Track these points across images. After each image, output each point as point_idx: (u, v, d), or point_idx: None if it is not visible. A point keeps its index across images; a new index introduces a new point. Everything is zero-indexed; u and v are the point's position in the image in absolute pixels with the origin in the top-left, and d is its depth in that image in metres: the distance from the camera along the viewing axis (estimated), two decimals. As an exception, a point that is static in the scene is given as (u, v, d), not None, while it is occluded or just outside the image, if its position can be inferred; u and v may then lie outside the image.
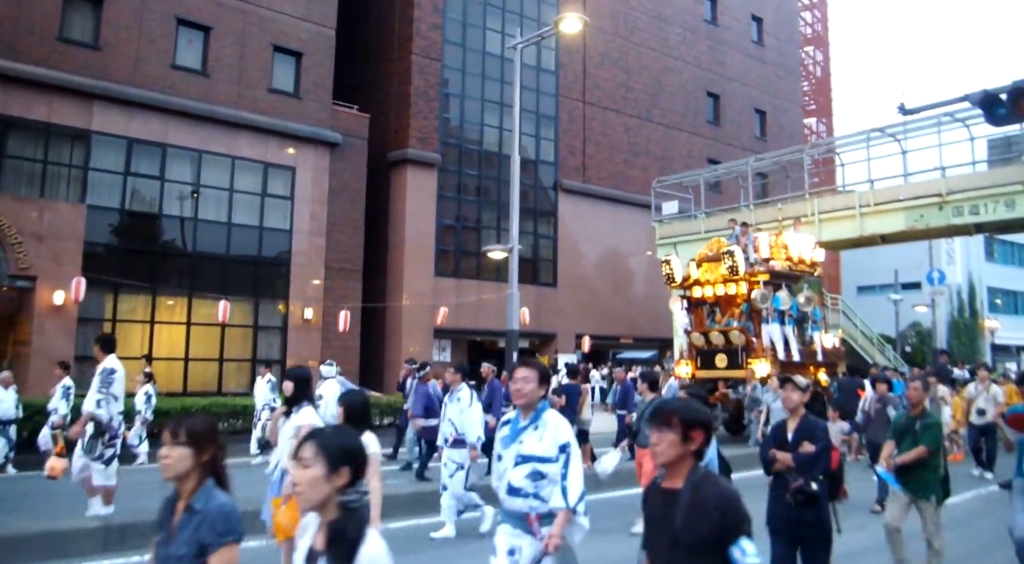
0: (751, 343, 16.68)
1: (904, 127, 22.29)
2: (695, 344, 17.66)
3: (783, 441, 5.45)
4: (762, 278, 16.76)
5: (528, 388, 4.30)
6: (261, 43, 22.31)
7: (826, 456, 5.25)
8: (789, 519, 5.21)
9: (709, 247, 18.16)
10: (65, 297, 18.21)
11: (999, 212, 20.02)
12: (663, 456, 2.92)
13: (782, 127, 38.27)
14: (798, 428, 5.43)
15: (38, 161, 18.83)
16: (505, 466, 4.29)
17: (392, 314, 25.03)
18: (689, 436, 2.89)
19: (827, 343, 18.29)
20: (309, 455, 2.43)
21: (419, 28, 26.10)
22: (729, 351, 16.98)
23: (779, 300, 16.79)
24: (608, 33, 31.38)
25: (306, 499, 2.42)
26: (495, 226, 27.49)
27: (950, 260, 41.84)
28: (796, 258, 18.01)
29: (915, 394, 6.69)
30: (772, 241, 17.78)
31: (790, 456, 5.27)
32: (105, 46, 19.63)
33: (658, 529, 2.98)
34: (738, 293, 17.12)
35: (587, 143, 30.39)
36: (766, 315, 16.71)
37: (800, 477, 5.15)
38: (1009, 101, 9.62)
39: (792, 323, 17.23)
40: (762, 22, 38.38)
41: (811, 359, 17.47)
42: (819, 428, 5.41)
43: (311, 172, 23.06)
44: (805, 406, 10.75)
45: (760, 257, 17.29)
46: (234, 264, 21.72)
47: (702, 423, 2.94)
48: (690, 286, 18.04)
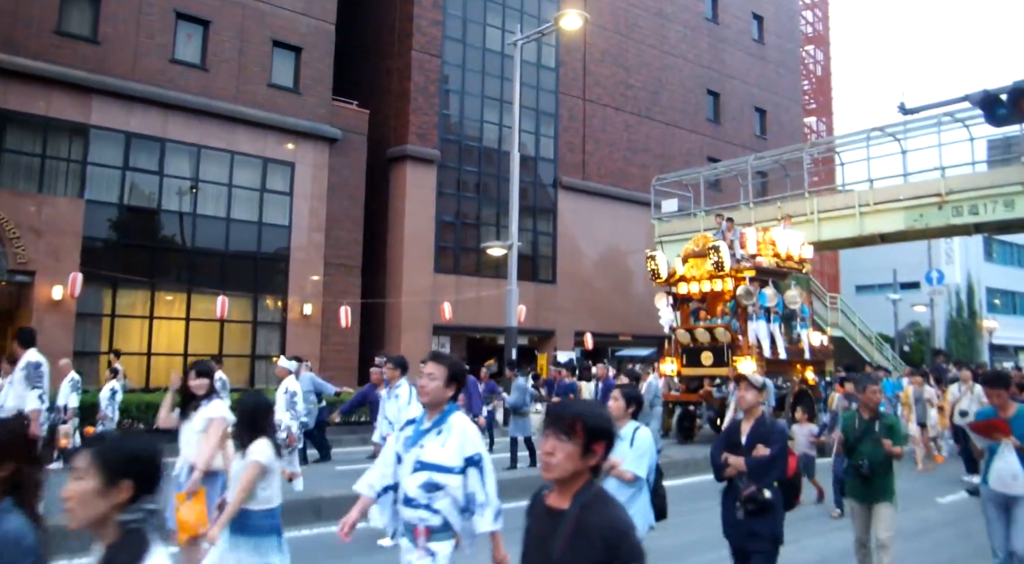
0: (737, 340, 16.50)
1: (904, 127, 22.30)
2: (680, 341, 17.48)
3: (736, 443, 5.04)
4: (748, 274, 16.57)
5: (432, 386, 3.90)
6: (260, 38, 22.26)
7: (782, 461, 4.85)
8: (739, 529, 4.88)
9: (695, 242, 17.96)
10: (63, 292, 18.18)
11: (998, 212, 20.04)
12: (558, 470, 2.44)
13: (782, 126, 38.23)
14: (753, 430, 5.01)
15: (36, 155, 18.78)
16: (403, 472, 3.90)
17: (391, 310, 25.02)
18: (591, 449, 2.44)
19: (815, 341, 18.14)
20: (83, 465, 2.06)
21: (419, 24, 26.05)
22: (715, 348, 16.81)
23: (765, 297, 16.59)
24: (608, 30, 31.33)
25: (75, 517, 2.05)
26: (495, 223, 27.46)
27: (949, 260, 41.89)
28: (784, 254, 17.88)
29: (874, 398, 6.19)
30: (759, 237, 17.62)
31: (743, 460, 4.86)
32: (104, 40, 19.58)
33: (536, 552, 2.55)
34: (724, 289, 16.98)
35: (587, 140, 30.36)
36: (752, 312, 16.52)
37: (752, 484, 4.77)
38: (1009, 101, 9.63)
39: (779, 320, 17.06)
40: (763, 20, 38.32)
41: (798, 357, 17.36)
42: (776, 430, 5.01)
43: (310, 168, 23.03)
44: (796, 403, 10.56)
45: (747, 253, 17.10)
46: (233, 260, 21.69)
47: (607, 434, 2.49)
48: (676, 282, 17.87)
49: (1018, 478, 5.53)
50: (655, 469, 4.96)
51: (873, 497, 5.94)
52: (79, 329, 18.92)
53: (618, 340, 30.99)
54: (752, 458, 4.83)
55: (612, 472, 4.58)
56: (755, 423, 5.03)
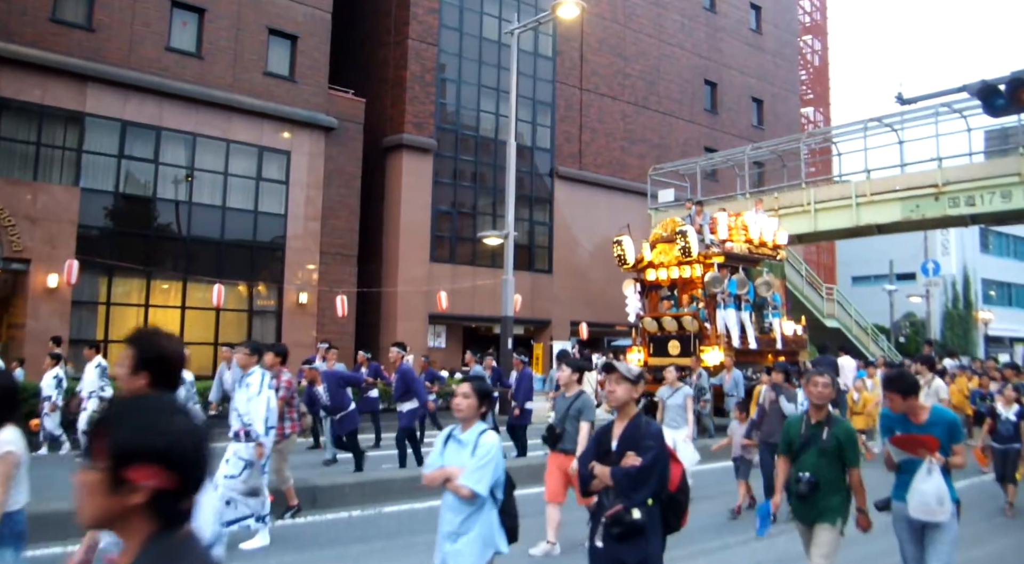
0: (705, 329, 15.89)
1: (901, 117, 22.29)
2: (647, 330, 16.79)
3: (607, 450, 4.06)
4: (716, 260, 15.90)
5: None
6: (256, 26, 22.16)
7: (658, 473, 3.87)
8: (603, 559, 3.95)
9: (663, 227, 17.28)
10: (59, 280, 18.15)
11: (995, 203, 20.06)
12: (91, 514, 1.48)
13: (779, 116, 38.19)
14: (624, 434, 4.02)
15: (31, 143, 18.71)
16: None
17: (387, 299, 25.01)
18: (122, 478, 1.45)
19: (788, 330, 17.44)
20: None
21: (416, 12, 25.95)
22: (682, 337, 16.16)
23: (735, 284, 15.89)
24: (606, 19, 31.24)
25: None
26: (491, 212, 27.43)
27: (945, 251, 41.97)
28: (757, 240, 17.16)
29: (824, 392, 5.05)
30: (731, 222, 16.89)
31: (609, 471, 3.91)
32: (99, 27, 19.48)
33: None
34: (693, 276, 16.34)
35: (584, 130, 30.31)
36: (721, 300, 15.85)
37: (619, 501, 3.85)
38: (1007, 92, 9.61)
39: (749, 309, 16.36)
40: (760, 10, 38.23)
41: (769, 347, 16.66)
42: (650, 434, 3.97)
43: (306, 156, 22.97)
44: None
45: (717, 238, 16.39)
46: (229, 248, 21.65)
47: (149, 455, 1.45)
48: (643, 269, 17.26)
49: (944, 503, 4.63)
50: (504, 482, 4.13)
51: (814, 516, 4.91)
52: (75, 317, 18.90)
53: (614, 330, 30.99)
54: (619, 468, 3.89)
55: (448, 486, 3.98)
56: (628, 425, 4.05)
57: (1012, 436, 9.36)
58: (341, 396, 11.19)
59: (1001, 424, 9.54)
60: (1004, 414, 9.54)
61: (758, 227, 17.38)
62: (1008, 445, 9.38)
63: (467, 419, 4.14)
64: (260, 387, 7.14)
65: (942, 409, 5.09)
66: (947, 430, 4.81)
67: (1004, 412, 9.56)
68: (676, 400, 9.93)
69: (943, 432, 4.79)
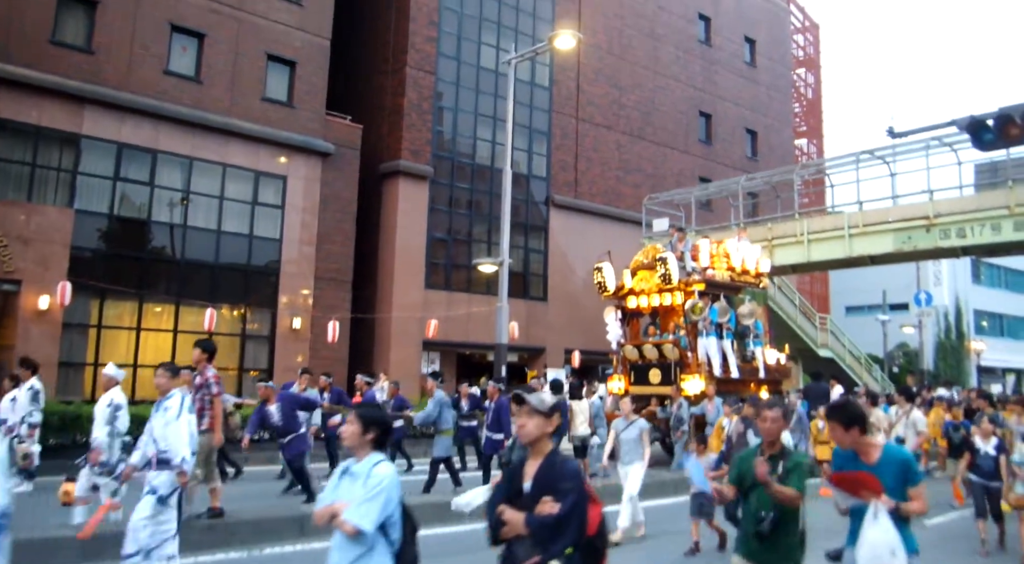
0: (686, 357, 15.60)
1: (893, 150, 22.47)
2: (628, 358, 16.56)
3: (518, 492, 3.59)
4: (697, 288, 15.69)
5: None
6: (255, 51, 22.32)
7: (578, 520, 3.43)
8: None
9: (644, 254, 17.11)
10: (50, 301, 18.07)
11: (985, 235, 20.19)
12: None
13: (773, 147, 38.48)
14: (539, 474, 3.56)
15: (26, 164, 18.71)
16: None
17: (381, 325, 24.96)
18: None
19: (770, 359, 17.12)
20: None
21: (414, 41, 26.16)
22: (663, 366, 15.88)
23: (716, 311, 15.62)
24: (602, 50, 31.54)
25: None
26: (486, 240, 27.48)
27: (937, 282, 42.15)
28: (739, 268, 16.99)
29: (773, 427, 4.74)
30: (713, 249, 16.75)
31: (522, 517, 3.45)
32: (98, 50, 19.59)
33: None
34: (674, 304, 16.08)
35: (579, 159, 30.47)
36: (702, 328, 15.56)
37: (536, 552, 3.41)
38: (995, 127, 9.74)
39: (731, 337, 16.06)
40: (755, 44, 38.67)
41: (752, 375, 16.36)
42: (567, 475, 3.50)
43: (302, 181, 23.04)
44: None
45: (699, 265, 16.24)
46: (223, 272, 21.63)
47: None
48: (624, 296, 17.03)
49: (897, 555, 4.10)
50: (401, 520, 3.68)
51: (776, 559, 4.51)
52: (65, 339, 18.80)
53: (607, 358, 30.96)
54: (535, 516, 3.44)
55: (334, 522, 3.60)
56: (542, 464, 3.58)
57: (993, 472, 8.90)
58: (293, 419, 11.06)
59: (981, 459, 9.13)
60: (983, 448, 9.11)
61: (740, 255, 17.16)
62: (989, 481, 8.96)
63: (353, 448, 3.75)
64: (180, 411, 6.71)
65: (896, 448, 4.56)
66: (900, 471, 4.29)
67: (983, 446, 9.12)
68: (631, 434, 9.22)
69: (895, 473, 4.28)
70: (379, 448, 3.76)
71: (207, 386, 8.47)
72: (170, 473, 6.47)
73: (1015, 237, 19.80)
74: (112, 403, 8.29)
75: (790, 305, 30.12)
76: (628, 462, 9.09)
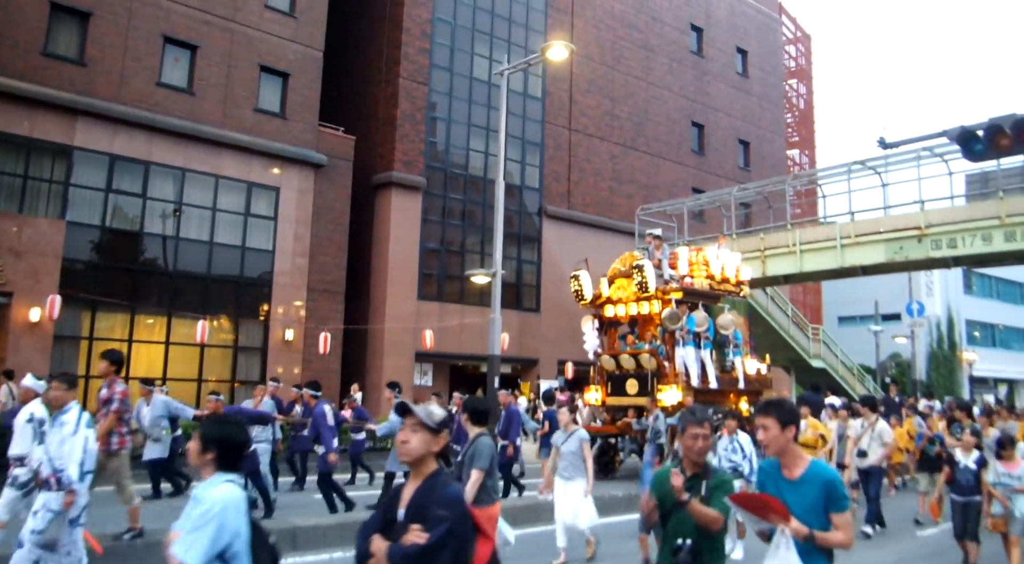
0: (663, 367, 15.25)
1: (885, 160, 22.57)
2: (605, 368, 16.15)
3: (394, 519, 3.16)
4: (675, 296, 15.36)
5: None
6: (248, 63, 22.34)
7: (449, 553, 2.97)
8: None
9: (622, 262, 16.81)
10: (41, 314, 17.99)
11: (976, 246, 20.27)
12: None
13: (765, 158, 38.62)
14: (414, 498, 3.12)
15: (18, 176, 18.67)
16: None
17: (374, 337, 24.91)
18: None
19: (751, 369, 16.85)
20: None
21: (407, 52, 26.22)
22: (640, 376, 15.51)
23: (694, 321, 15.24)
24: (595, 61, 31.66)
25: None
26: (479, 250, 27.48)
27: (929, 292, 42.27)
28: (719, 276, 16.67)
29: (697, 445, 4.11)
30: (692, 257, 16.46)
31: (386, 548, 3.03)
32: (90, 62, 19.57)
33: None
34: (652, 312, 15.74)
35: (572, 170, 30.53)
36: (680, 337, 15.21)
37: None
38: (986, 138, 9.78)
39: (709, 346, 15.68)
40: (747, 55, 38.86)
41: (731, 386, 16.10)
42: (445, 501, 3.05)
43: (295, 193, 23.02)
44: None
45: (677, 274, 15.97)
46: (215, 284, 21.58)
47: None
48: (602, 305, 16.74)
49: None
50: (250, 551, 3.14)
51: None
52: (56, 352, 18.71)
53: (601, 369, 30.95)
54: (398, 547, 3.00)
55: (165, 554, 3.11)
56: (420, 487, 3.13)
57: (972, 487, 8.39)
58: None
59: (960, 473, 8.58)
60: (963, 462, 8.59)
61: (719, 263, 16.82)
62: (968, 497, 8.45)
63: (198, 468, 3.28)
64: (76, 426, 6.28)
65: (822, 465, 3.87)
66: (823, 492, 3.62)
67: (963, 460, 8.60)
68: (571, 446, 8.48)
69: (817, 494, 3.63)
70: (227, 468, 3.22)
71: (110, 401, 7.95)
72: (60, 494, 6.08)
73: (1006, 247, 19.88)
74: (33, 417, 7.41)
75: (783, 316, 30.18)
76: (568, 477, 8.39)
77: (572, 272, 17.24)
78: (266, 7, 22.86)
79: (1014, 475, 7.92)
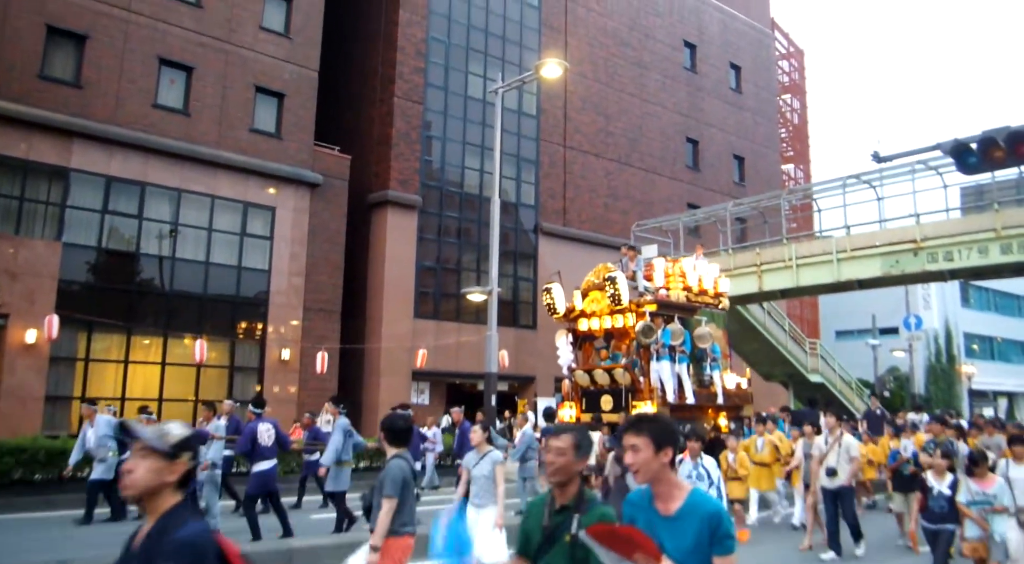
0: (638, 383, 14.73)
1: (880, 174, 22.62)
2: (579, 383, 15.61)
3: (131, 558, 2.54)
4: (649, 309, 14.80)
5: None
6: (243, 84, 22.41)
7: None
8: None
9: (595, 274, 16.19)
10: (38, 335, 17.94)
11: (972, 259, 20.28)
12: None
13: (760, 173, 38.74)
14: (142, 545, 2.49)
15: (14, 198, 18.68)
16: None
17: (370, 355, 24.85)
18: None
19: (730, 384, 16.28)
20: None
21: (402, 71, 26.33)
22: (614, 392, 14.92)
23: (669, 334, 14.66)
24: (589, 79, 31.80)
25: None
26: (475, 268, 27.48)
27: (926, 305, 42.29)
28: (696, 288, 16.17)
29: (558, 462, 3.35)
30: (668, 268, 15.97)
31: None
32: (86, 84, 19.63)
33: None
34: (626, 325, 15.20)
35: (567, 186, 30.60)
36: (654, 351, 14.66)
37: None
38: (979, 151, 9.81)
39: (686, 360, 15.09)
40: (740, 70, 39.08)
41: (709, 401, 15.56)
42: (172, 549, 2.39)
43: (291, 212, 23.04)
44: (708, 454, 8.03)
45: (653, 285, 15.50)
46: (212, 304, 21.54)
47: None
48: (575, 318, 16.18)
49: None
50: None
51: None
52: (52, 373, 18.66)
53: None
54: None
55: None
56: (150, 531, 2.50)
57: (946, 514, 7.69)
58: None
59: (933, 500, 7.83)
60: (936, 487, 7.84)
61: (696, 274, 16.29)
62: (940, 525, 7.72)
63: None
64: None
65: (703, 496, 3.09)
66: (705, 529, 2.92)
67: (936, 485, 7.85)
68: (483, 469, 7.30)
69: (698, 531, 2.92)
70: None
71: None
72: None
73: (1002, 259, 19.90)
74: None
75: (780, 330, 30.15)
76: (480, 505, 7.19)
77: (544, 285, 16.82)
78: (261, 28, 22.97)
79: (989, 493, 7.32)
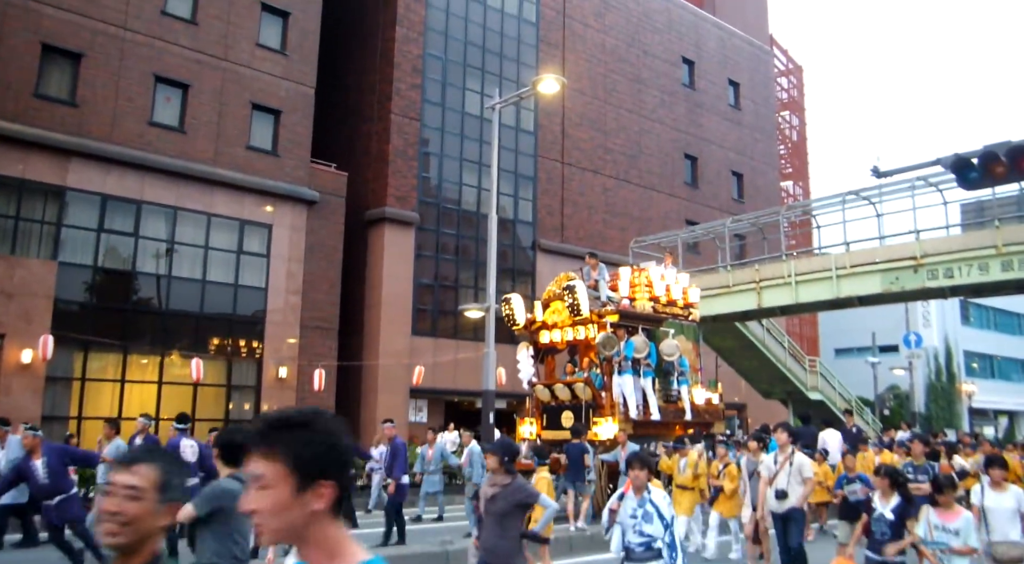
0: (599, 398, 14.14)
1: (879, 190, 22.54)
2: (540, 398, 15.06)
3: None
4: (610, 319, 14.19)
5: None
6: (240, 101, 22.38)
7: None
8: None
9: (556, 283, 15.60)
10: (33, 355, 17.80)
11: (972, 275, 20.15)
12: None
13: (759, 189, 38.72)
14: None
15: (10, 217, 18.58)
16: None
17: (368, 373, 24.69)
18: None
19: (699, 399, 15.68)
20: None
21: (399, 88, 26.32)
22: (575, 407, 14.31)
23: (632, 346, 14.05)
24: (587, 95, 31.82)
25: None
26: (473, 285, 27.36)
27: (926, 323, 42.15)
28: (664, 298, 15.55)
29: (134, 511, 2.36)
30: (633, 278, 15.39)
31: None
32: (82, 103, 19.58)
33: None
34: (588, 337, 14.63)
35: (565, 203, 30.54)
36: (616, 364, 14.06)
37: None
38: (980, 166, 9.72)
39: (651, 374, 14.44)
40: (739, 87, 39.14)
41: (677, 418, 14.93)
42: None
43: (288, 230, 22.94)
44: None
45: (618, 295, 14.95)
46: (208, 322, 21.41)
47: None
48: (536, 330, 15.69)
49: None
50: None
51: None
52: (48, 393, 18.51)
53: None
54: None
55: None
56: None
57: (887, 541, 6.56)
58: (62, 476, 9.50)
59: (875, 523, 6.68)
60: (879, 509, 6.71)
61: (664, 283, 15.69)
62: (883, 557, 6.55)
63: None
64: None
65: None
66: None
67: (880, 507, 6.73)
68: None
69: None
70: None
71: None
72: None
73: (1003, 276, 19.76)
74: None
75: (779, 347, 30.00)
76: None
77: (504, 296, 16.38)
78: (257, 45, 22.96)
79: (951, 528, 6.24)
